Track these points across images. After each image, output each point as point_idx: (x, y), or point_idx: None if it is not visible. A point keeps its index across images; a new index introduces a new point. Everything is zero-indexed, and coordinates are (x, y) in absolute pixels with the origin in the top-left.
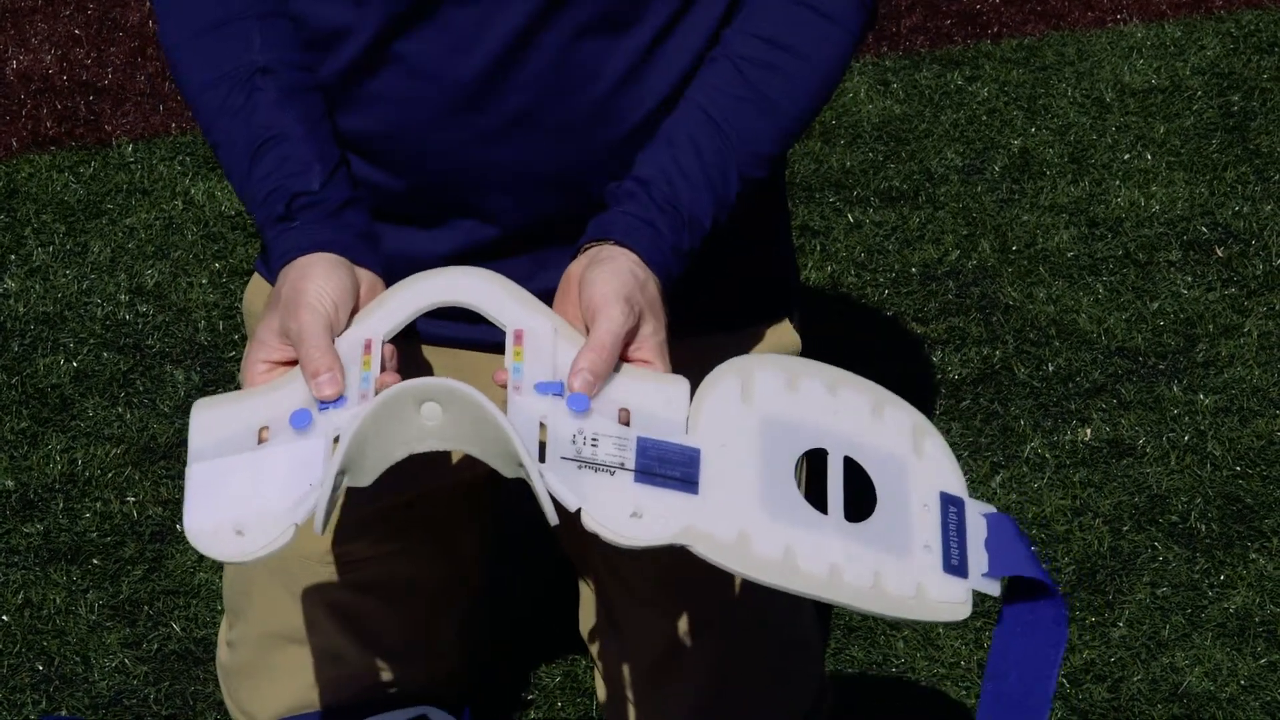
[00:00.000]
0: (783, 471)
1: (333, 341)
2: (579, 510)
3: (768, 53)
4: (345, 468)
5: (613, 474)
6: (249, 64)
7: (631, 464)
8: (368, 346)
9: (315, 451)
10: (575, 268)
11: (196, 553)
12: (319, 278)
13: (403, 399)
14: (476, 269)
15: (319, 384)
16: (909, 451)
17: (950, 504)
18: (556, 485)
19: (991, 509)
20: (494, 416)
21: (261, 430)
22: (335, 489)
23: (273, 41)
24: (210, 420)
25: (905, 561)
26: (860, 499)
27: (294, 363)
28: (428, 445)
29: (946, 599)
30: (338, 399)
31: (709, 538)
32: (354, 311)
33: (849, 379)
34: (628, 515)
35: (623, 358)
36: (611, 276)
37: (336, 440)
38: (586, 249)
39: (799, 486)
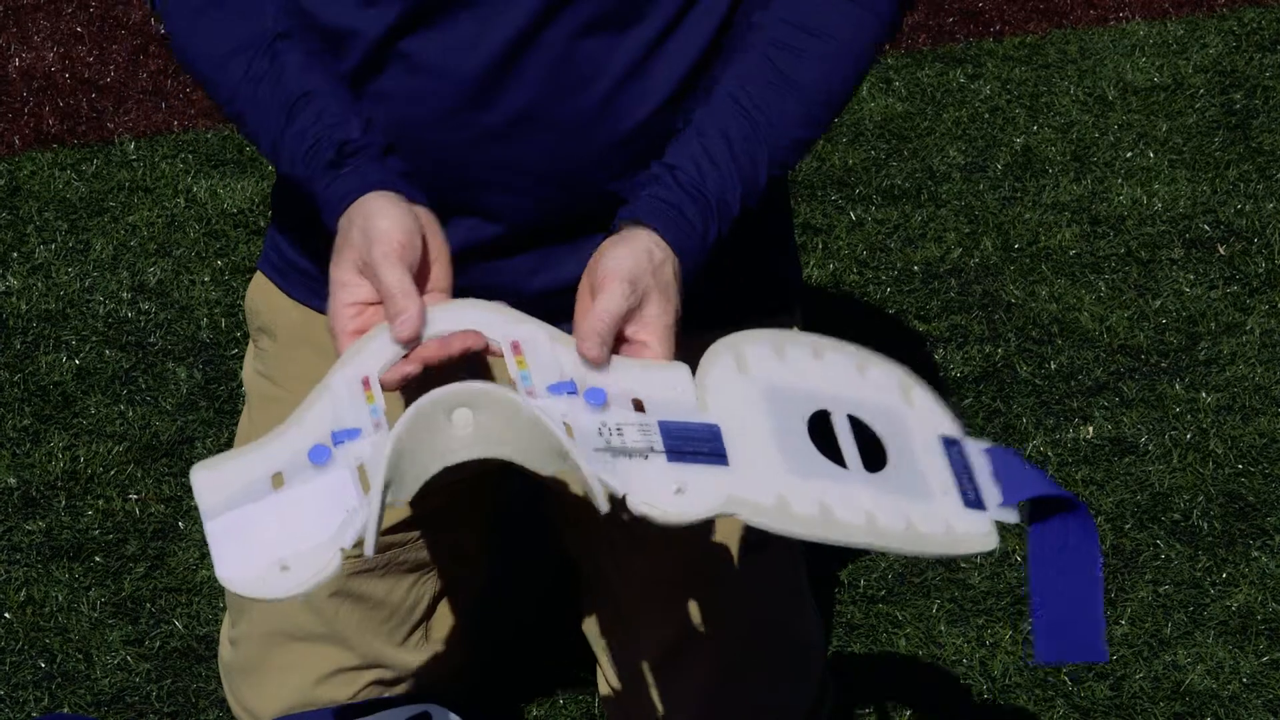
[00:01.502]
0: (797, 434)
1: (413, 279)
2: (624, 497)
3: (798, 38)
4: (388, 481)
5: (646, 458)
6: (268, 31)
7: (660, 446)
8: (365, 383)
9: (341, 481)
10: (600, 249)
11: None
12: (387, 215)
13: (435, 407)
14: (454, 301)
15: (399, 324)
16: (901, 403)
17: (951, 445)
18: (602, 473)
19: (988, 443)
20: (531, 412)
21: (274, 477)
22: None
23: (283, 10)
24: (214, 479)
25: (929, 504)
26: (867, 453)
27: (380, 301)
28: (461, 455)
29: (974, 532)
30: (353, 431)
31: (751, 504)
32: (423, 248)
33: (829, 342)
34: (672, 493)
35: (622, 337)
36: (624, 255)
37: (361, 469)
38: (614, 231)
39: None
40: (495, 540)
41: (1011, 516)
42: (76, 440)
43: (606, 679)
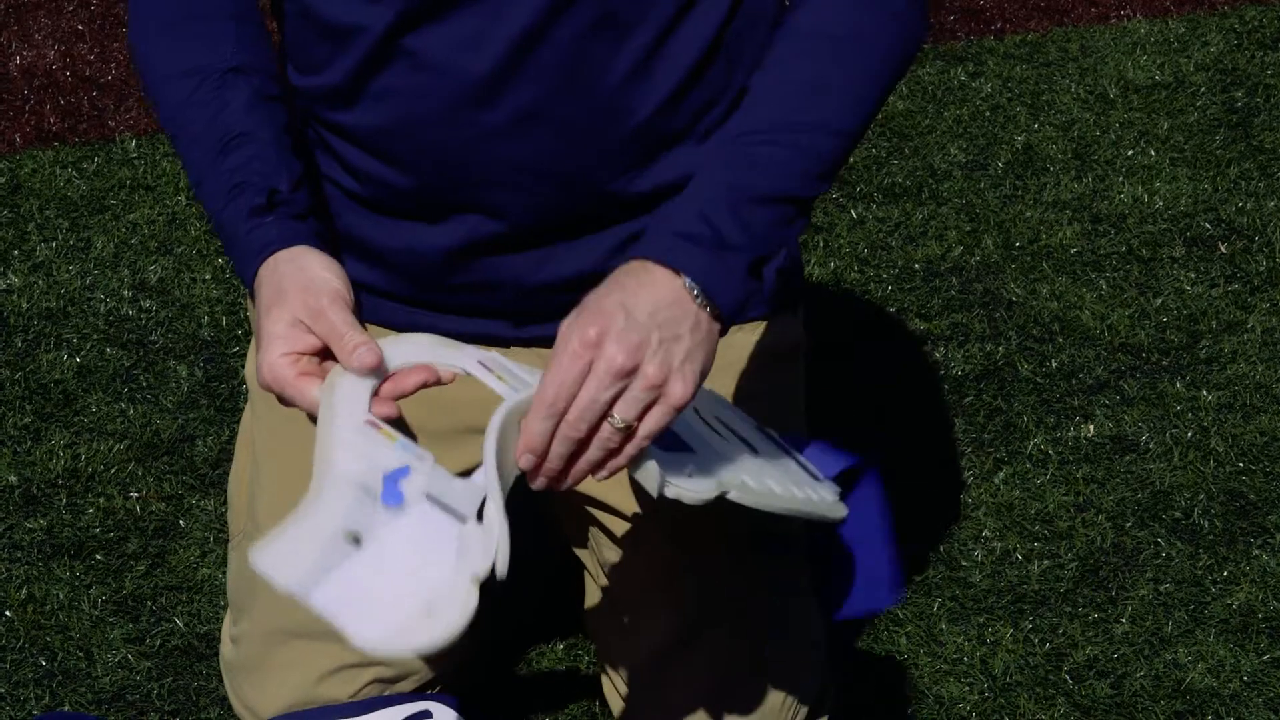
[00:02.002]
0: (706, 428)
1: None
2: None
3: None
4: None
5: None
6: (220, 61)
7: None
8: (373, 425)
9: (427, 517)
10: None
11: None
12: (324, 266)
13: (510, 418)
14: (390, 338)
15: (359, 354)
16: (726, 407)
17: (764, 430)
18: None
19: (776, 430)
20: None
21: (348, 535)
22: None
23: (246, 45)
24: (281, 557)
25: (799, 476)
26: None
27: (318, 351)
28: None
29: (833, 499)
30: (403, 469)
31: (735, 485)
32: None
33: None
34: (688, 475)
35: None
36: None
37: (430, 499)
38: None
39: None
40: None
41: (835, 489)
42: (77, 438)
43: (608, 676)
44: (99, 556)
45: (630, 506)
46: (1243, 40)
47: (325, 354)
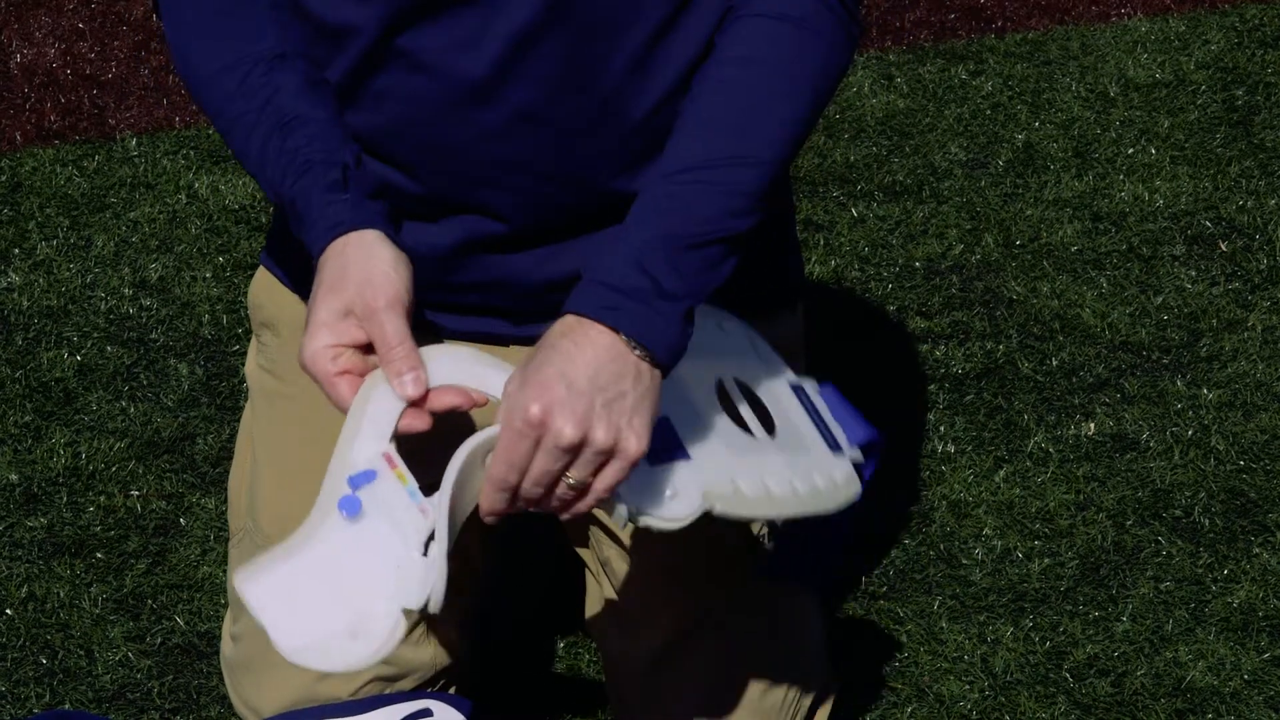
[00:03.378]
0: (716, 409)
1: (410, 331)
2: (633, 515)
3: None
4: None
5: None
6: (266, 50)
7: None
8: (389, 461)
9: (377, 533)
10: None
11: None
12: (389, 262)
13: (474, 456)
14: (448, 348)
15: (405, 382)
16: (755, 357)
17: (799, 392)
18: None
19: (816, 381)
20: None
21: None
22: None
23: (287, 33)
24: (274, 576)
25: (813, 457)
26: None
27: (363, 346)
28: None
29: (845, 476)
30: (369, 473)
31: (718, 495)
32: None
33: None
34: (668, 498)
35: None
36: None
37: (385, 517)
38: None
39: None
40: (495, 539)
41: (857, 456)
42: (78, 436)
43: (608, 675)
44: (99, 555)
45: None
46: (1243, 38)
47: (370, 348)
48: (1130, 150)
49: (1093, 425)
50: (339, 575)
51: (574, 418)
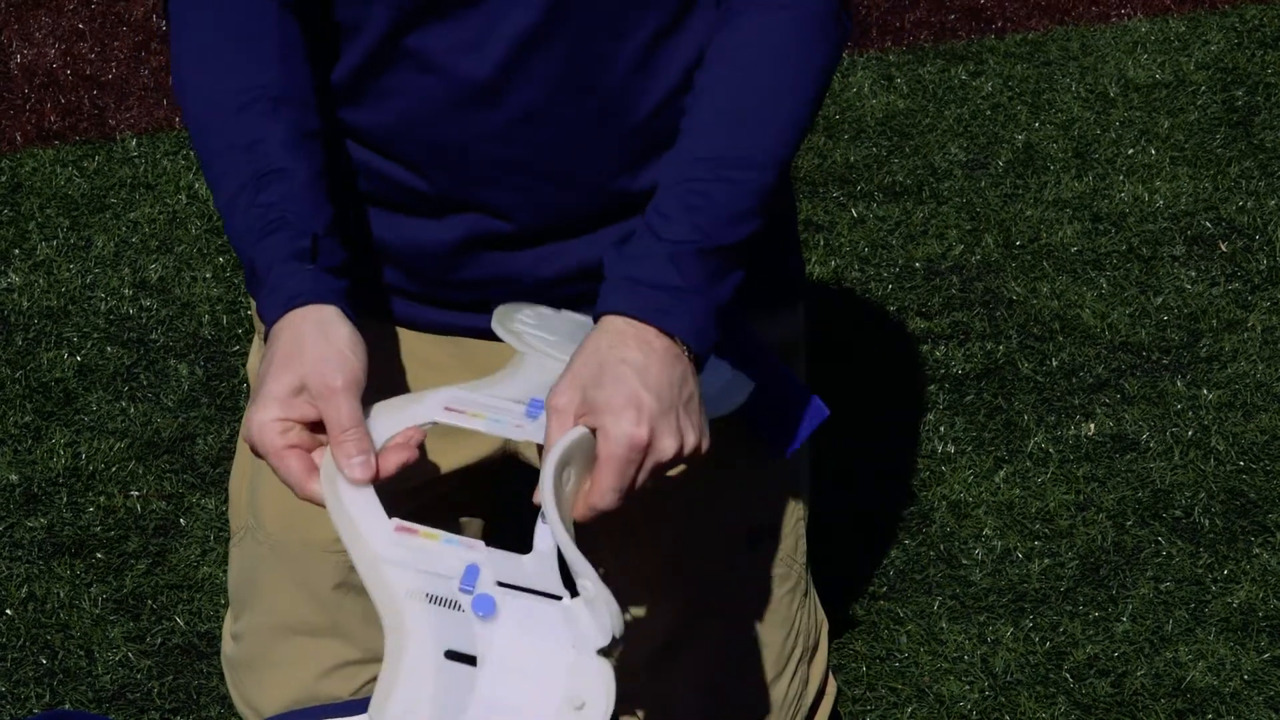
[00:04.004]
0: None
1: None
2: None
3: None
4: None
5: None
6: (263, 88)
7: None
8: (407, 529)
9: (523, 610)
10: None
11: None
12: (345, 341)
13: (552, 475)
14: (373, 410)
15: (354, 466)
16: None
17: None
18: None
19: None
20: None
21: (452, 654)
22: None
23: (290, 70)
24: (405, 708)
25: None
26: None
27: (310, 423)
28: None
29: (726, 385)
30: (473, 569)
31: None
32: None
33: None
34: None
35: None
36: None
37: (513, 589)
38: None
39: None
40: (496, 535)
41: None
42: (78, 437)
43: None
44: (99, 555)
45: (628, 504)
46: (1243, 39)
47: (318, 425)
48: (1130, 151)
49: (1093, 426)
50: (521, 668)
51: (672, 434)
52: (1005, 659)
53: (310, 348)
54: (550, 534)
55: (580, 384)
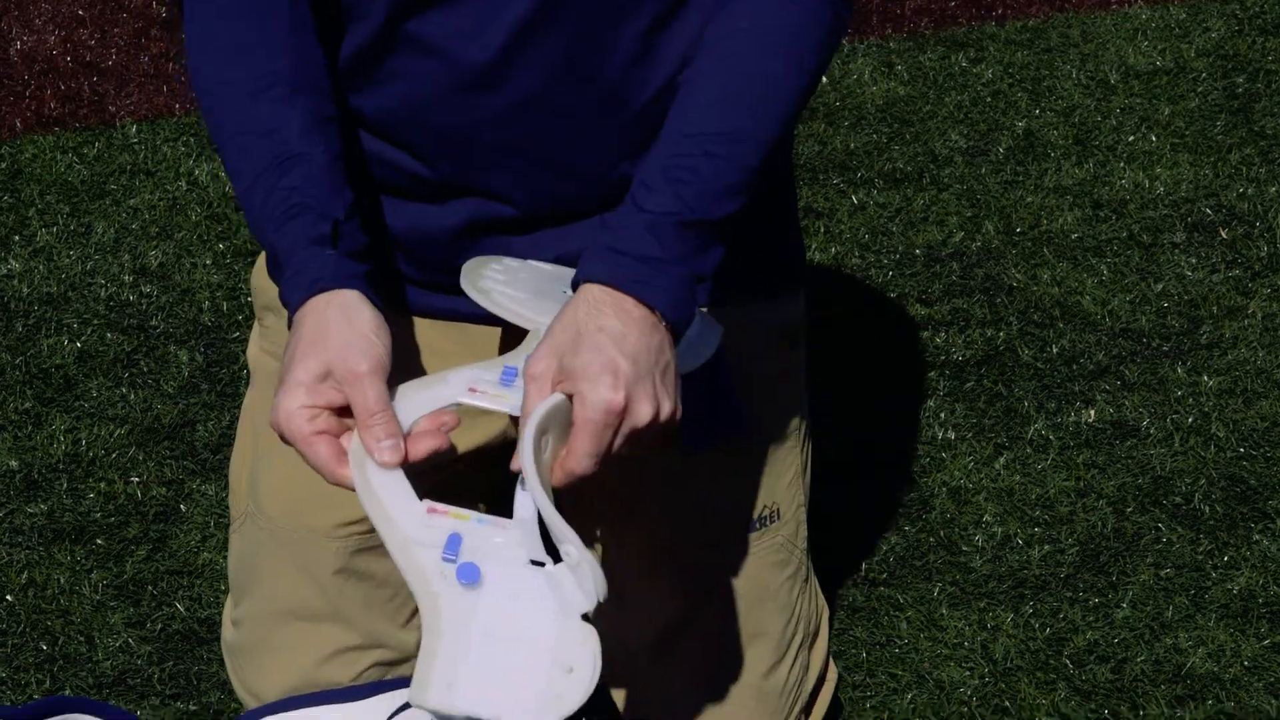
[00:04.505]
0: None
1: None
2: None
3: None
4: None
5: None
6: (278, 76)
7: None
8: (436, 511)
9: (507, 577)
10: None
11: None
12: (369, 325)
13: (531, 441)
14: (398, 391)
15: (383, 450)
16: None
17: None
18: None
19: None
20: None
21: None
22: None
23: (305, 58)
24: (449, 683)
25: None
26: None
27: (337, 408)
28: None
29: (701, 330)
30: (455, 538)
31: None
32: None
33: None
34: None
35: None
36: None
37: (500, 559)
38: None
39: None
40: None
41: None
42: (78, 423)
43: (607, 661)
44: (100, 541)
45: (628, 489)
46: (1244, 26)
47: (345, 410)
48: (1131, 137)
49: (1093, 412)
50: (509, 635)
51: (648, 399)
52: (1005, 645)
53: (334, 333)
54: (530, 502)
55: (558, 351)
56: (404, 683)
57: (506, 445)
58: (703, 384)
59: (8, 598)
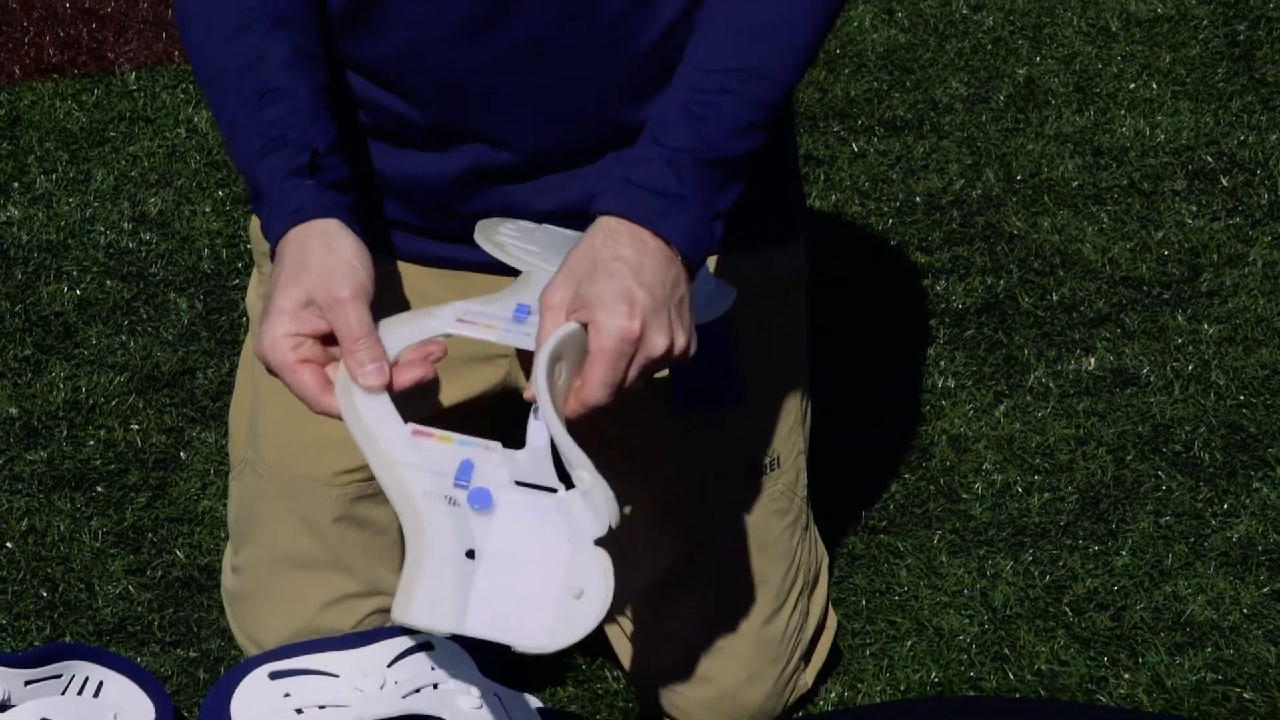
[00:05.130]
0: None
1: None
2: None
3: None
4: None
5: None
6: (263, 9)
7: None
8: (423, 433)
9: (520, 502)
10: None
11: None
12: (350, 251)
13: (545, 366)
14: (385, 323)
15: (367, 373)
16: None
17: None
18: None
19: None
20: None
21: (470, 553)
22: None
23: None
24: (429, 604)
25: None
26: None
27: (322, 336)
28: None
29: (718, 289)
30: (467, 464)
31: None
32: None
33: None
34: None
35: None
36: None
37: (514, 485)
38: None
39: None
40: None
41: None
42: (78, 370)
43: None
44: (100, 489)
45: (629, 438)
46: None
47: (329, 339)
48: (1132, 85)
49: (1093, 360)
50: (520, 559)
51: (663, 330)
52: (1005, 593)
53: (316, 261)
54: (544, 430)
55: (574, 280)
56: (405, 630)
57: (505, 394)
58: (704, 351)
59: (8, 545)
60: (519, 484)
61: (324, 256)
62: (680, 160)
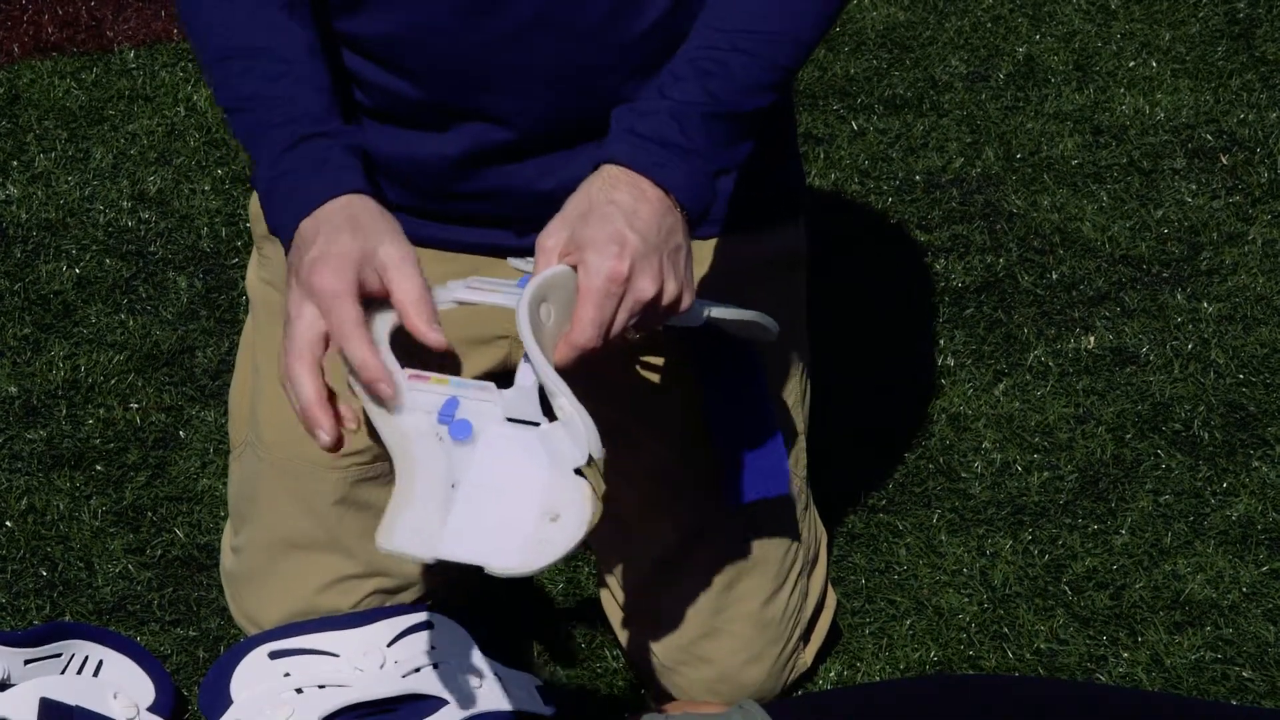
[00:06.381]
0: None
1: None
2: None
3: None
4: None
5: None
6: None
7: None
8: (420, 376)
9: (500, 435)
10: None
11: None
12: (397, 225)
13: (532, 308)
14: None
15: (434, 335)
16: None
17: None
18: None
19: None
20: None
21: (451, 487)
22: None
23: None
24: (407, 533)
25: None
26: None
27: (364, 294)
28: (553, 345)
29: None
30: (453, 401)
31: (717, 304)
32: None
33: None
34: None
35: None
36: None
37: (495, 419)
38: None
39: None
40: None
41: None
42: (77, 349)
43: (607, 587)
44: (99, 467)
45: (631, 416)
46: None
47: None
48: (1131, 63)
49: (1092, 339)
50: (500, 487)
51: (652, 275)
52: (1004, 572)
53: (370, 223)
54: (531, 371)
55: (569, 223)
56: (405, 609)
57: (506, 376)
58: (755, 439)
59: (7, 524)
60: (508, 421)
61: (378, 220)
62: (687, 113)
